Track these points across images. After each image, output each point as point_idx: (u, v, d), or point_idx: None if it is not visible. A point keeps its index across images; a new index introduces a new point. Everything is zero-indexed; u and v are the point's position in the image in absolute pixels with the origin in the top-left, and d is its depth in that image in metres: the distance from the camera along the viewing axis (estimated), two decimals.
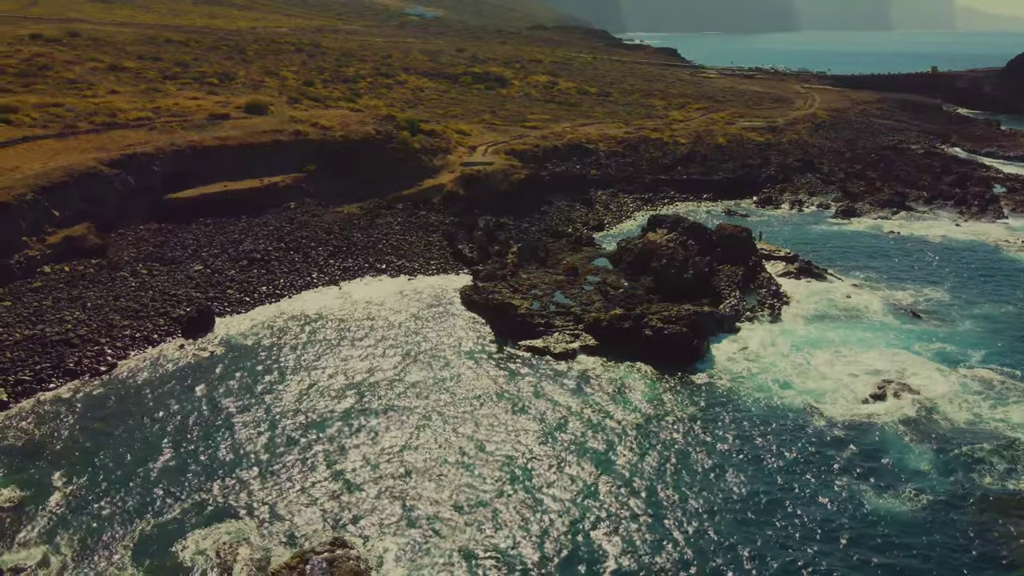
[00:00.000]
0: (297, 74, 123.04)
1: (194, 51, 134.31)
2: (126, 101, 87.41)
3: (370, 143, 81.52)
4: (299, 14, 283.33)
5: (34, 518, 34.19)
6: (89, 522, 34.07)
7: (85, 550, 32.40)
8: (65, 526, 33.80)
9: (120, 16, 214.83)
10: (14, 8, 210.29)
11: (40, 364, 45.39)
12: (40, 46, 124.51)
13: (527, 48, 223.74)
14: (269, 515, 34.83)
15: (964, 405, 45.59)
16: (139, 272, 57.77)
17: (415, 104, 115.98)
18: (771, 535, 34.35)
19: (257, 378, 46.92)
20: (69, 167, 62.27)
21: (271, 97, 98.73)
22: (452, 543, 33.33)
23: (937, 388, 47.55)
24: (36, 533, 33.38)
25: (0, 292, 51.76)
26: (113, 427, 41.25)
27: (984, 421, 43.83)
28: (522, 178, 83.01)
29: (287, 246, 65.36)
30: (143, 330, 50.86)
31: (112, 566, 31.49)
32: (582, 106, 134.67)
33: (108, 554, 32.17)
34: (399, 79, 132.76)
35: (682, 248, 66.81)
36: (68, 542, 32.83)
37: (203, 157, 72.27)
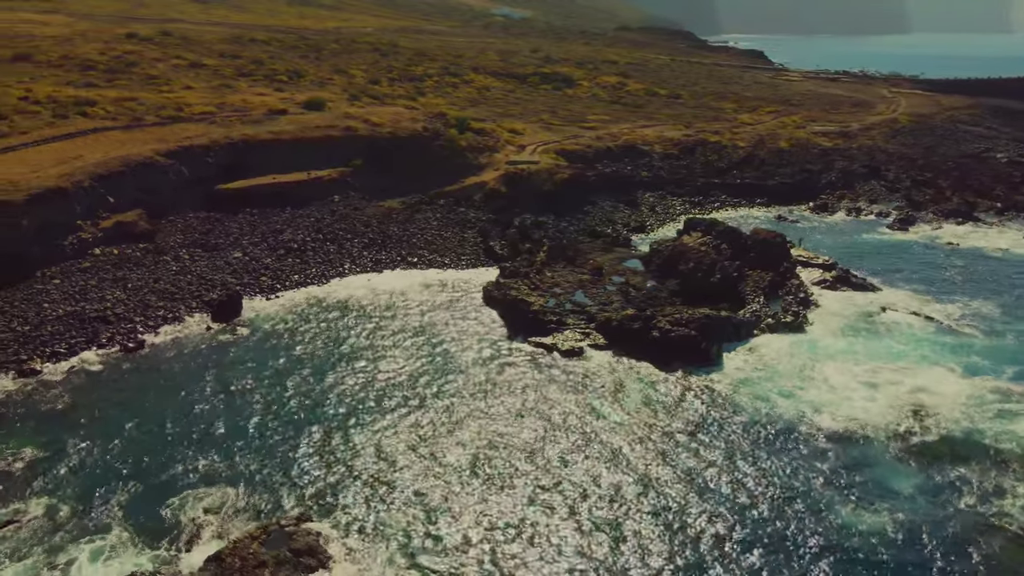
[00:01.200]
0: (366, 72, 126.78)
1: (274, 50, 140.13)
2: (196, 96, 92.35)
3: (417, 140, 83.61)
4: (387, 15, 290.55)
5: (45, 474, 37.16)
6: (93, 480, 36.80)
7: (84, 504, 35.08)
8: (71, 483, 36.62)
9: (216, 16, 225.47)
10: (123, 9, 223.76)
11: (76, 338, 48.98)
12: (133, 44, 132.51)
13: (606, 49, 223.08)
14: (254, 488, 36.80)
15: (974, 422, 43.77)
16: (181, 257, 61.30)
17: (477, 103, 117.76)
18: (726, 544, 34.09)
19: (272, 360, 49.26)
20: (127, 157, 66.55)
21: (333, 94, 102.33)
22: (415, 529, 34.46)
23: (952, 404, 45.78)
24: (45, 487, 36.28)
25: (52, 271, 55.91)
26: (131, 398, 44.23)
27: (989, 438, 42.01)
28: (565, 178, 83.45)
29: (324, 237, 67.96)
30: (175, 311, 54.08)
31: (104, 519, 34.00)
32: (648, 108, 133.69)
33: (103, 509, 34.72)
34: (466, 78, 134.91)
35: (714, 252, 66.09)
36: (70, 496, 35.58)
37: (256, 150, 75.81)
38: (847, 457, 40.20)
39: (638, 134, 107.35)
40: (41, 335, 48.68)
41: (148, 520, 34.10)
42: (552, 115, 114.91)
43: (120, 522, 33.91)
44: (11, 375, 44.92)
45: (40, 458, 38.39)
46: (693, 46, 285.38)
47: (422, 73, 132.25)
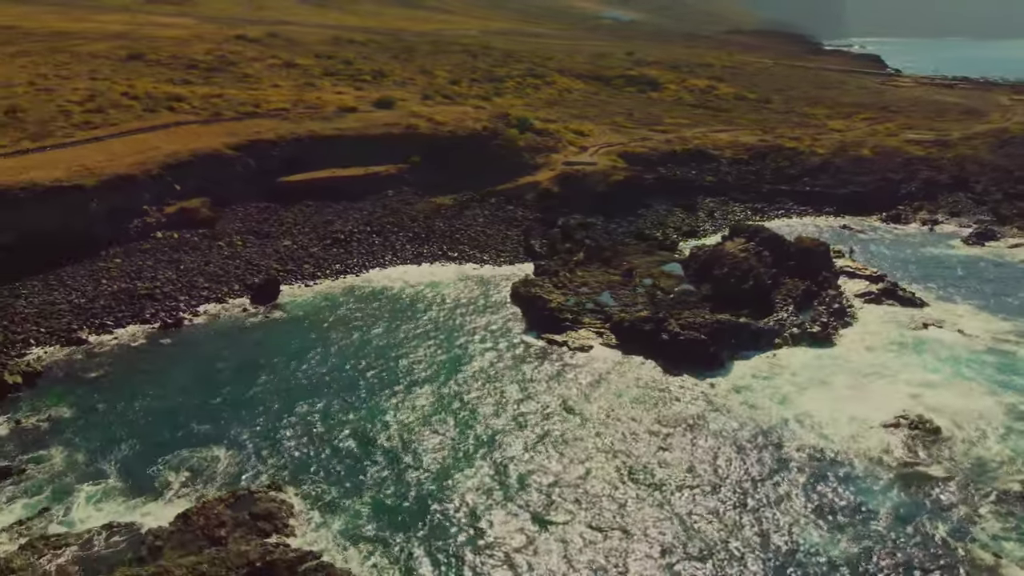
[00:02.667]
0: (450, 73, 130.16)
1: (367, 51, 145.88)
2: (278, 94, 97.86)
3: (475, 139, 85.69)
4: (493, 17, 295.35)
5: (70, 429, 41.28)
6: (106, 437, 40.63)
7: (93, 457, 38.89)
8: (88, 438, 40.53)
9: (328, 19, 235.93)
10: (242, 12, 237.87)
11: (123, 313, 53.61)
12: (239, 45, 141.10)
13: (707, 52, 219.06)
14: (242, 456, 39.64)
15: (987, 448, 41.63)
16: (234, 243, 65.62)
17: (554, 104, 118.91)
18: (666, 551, 34.16)
19: (297, 342, 52.30)
20: (197, 149, 71.75)
21: (408, 94, 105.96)
22: (376, 504, 36.30)
23: (970, 427, 43.63)
24: (67, 440, 40.32)
25: (117, 251, 61.22)
26: (159, 368, 48.18)
27: (994, 465, 39.89)
28: (620, 180, 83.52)
29: (372, 229, 71.00)
30: (218, 293, 58.15)
31: (106, 471, 37.65)
32: (733, 112, 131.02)
33: (107, 463, 38.43)
34: (548, 79, 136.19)
35: (755, 259, 64.87)
36: (84, 449, 39.46)
37: (319, 145, 79.87)
38: (822, 473, 39.21)
39: (711, 138, 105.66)
40: (94, 308, 53.56)
41: (141, 476, 37.45)
42: (627, 117, 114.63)
43: (117, 475, 37.41)
44: (60, 343, 49.63)
45: (69, 416, 42.58)
46: (804, 50, 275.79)
47: (505, 74, 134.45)
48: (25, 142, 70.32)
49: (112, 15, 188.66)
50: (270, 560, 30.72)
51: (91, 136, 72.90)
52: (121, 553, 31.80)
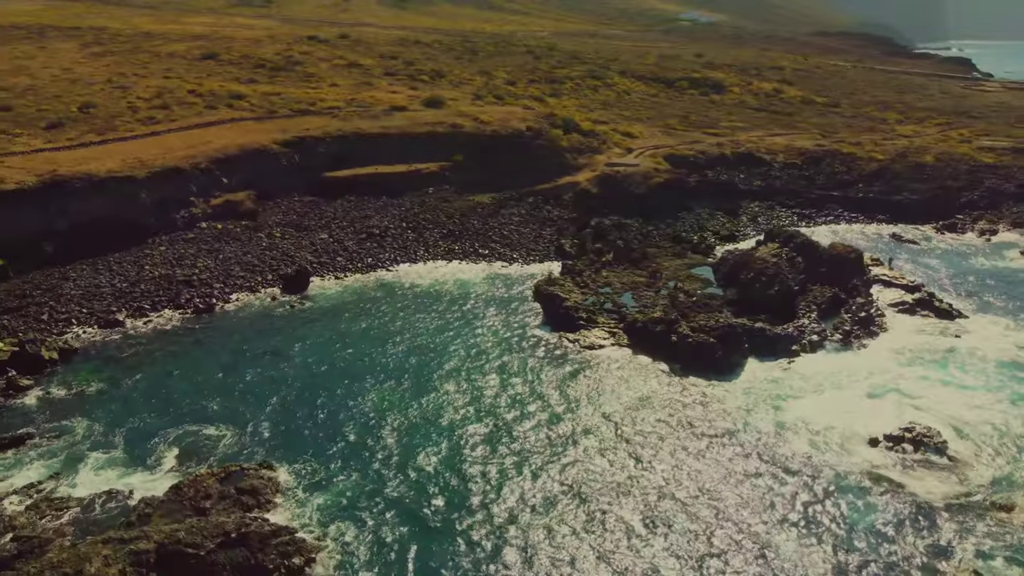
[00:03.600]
0: (509, 74, 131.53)
1: (432, 51, 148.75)
2: (334, 93, 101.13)
3: (518, 139, 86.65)
4: (567, 18, 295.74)
5: (93, 402, 44.21)
6: (125, 411, 43.42)
7: (108, 428, 41.63)
8: (108, 411, 43.35)
9: (406, 21, 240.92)
10: (326, 14, 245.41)
11: (160, 297, 56.80)
12: (310, 46, 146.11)
13: (782, 55, 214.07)
14: (244, 435, 41.71)
15: (989, 462, 40.21)
16: (274, 235, 68.46)
17: (609, 106, 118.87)
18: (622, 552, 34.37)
19: (320, 331, 54.38)
20: (246, 144, 75.09)
21: (461, 94, 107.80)
22: (361, 483, 37.73)
23: (978, 442, 42.19)
24: (89, 412, 43.21)
25: (163, 239, 64.79)
26: (184, 350, 50.95)
27: (991, 483, 38.50)
28: (661, 182, 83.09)
29: (407, 225, 72.84)
30: (252, 281, 60.88)
31: (116, 442, 40.31)
32: (796, 116, 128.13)
33: (119, 434, 41.11)
34: (609, 81, 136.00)
35: (787, 264, 63.94)
36: (102, 421, 42.28)
37: (364, 142, 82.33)
38: (800, 482, 38.62)
39: (765, 142, 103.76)
40: (134, 292, 56.94)
41: (147, 449, 39.92)
42: (682, 120, 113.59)
43: (126, 447, 40.01)
44: (99, 325, 53.01)
45: (94, 391, 45.59)
46: (888, 52, 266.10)
47: (564, 75, 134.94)
48: (90, 135, 75.03)
49: (199, 17, 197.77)
50: (244, 532, 32.45)
51: (151, 131, 77.20)
52: (114, 518, 34.14)
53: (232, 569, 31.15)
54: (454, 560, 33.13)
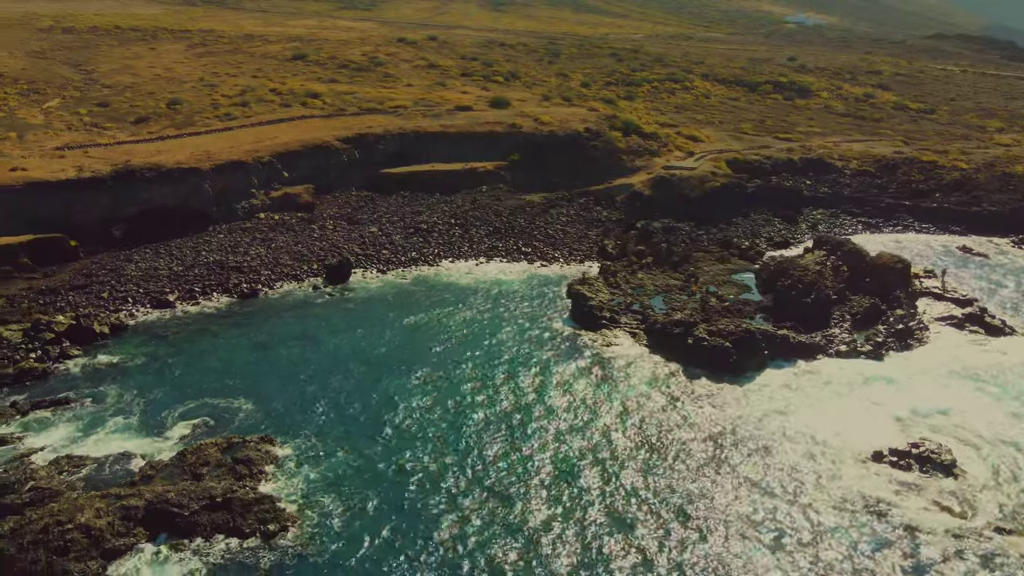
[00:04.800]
0: (586, 76, 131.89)
1: (514, 53, 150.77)
2: (407, 92, 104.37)
3: (574, 140, 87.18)
4: (666, 21, 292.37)
5: (129, 372, 47.89)
6: (154, 382, 46.91)
7: (134, 397, 45.14)
8: (140, 383, 46.85)
9: (500, 24, 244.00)
10: (424, 16, 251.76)
11: (210, 281, 60.63)
12: (396, 47, 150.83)
13: (883, 59, 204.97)
14: (256, 411, 44.37)
15: (995, 484, 38.39)
16: (326, 227, 71.70)
17: (683, 109, 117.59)
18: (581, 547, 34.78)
19: (353, 319, 56.77)
20: (308, 140, 78.86)
21: (530, 94, 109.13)
22: (351, 461, 39.65)
23: (990, 462, 40.33)
24: (121, 383, 46.85)
25: (222, 228, 69.00)
26: (222, 331, 54.35)
27: (992, 505, 36.74)
28: (717, 186, 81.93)
29: (455, 222, 74.71)
30: (297, 270, 64.07)
31: (136, 409, 43.76)
32: (882, 122, 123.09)
33: (141, 402, 44.71)
34: (687, 84, 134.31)
35: (831, 272, 62.34)
36: (132, 390, 45.93)
37: (423, 140, 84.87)
38: (783, 495, 37.96)
39: (840, 148, 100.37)
40: (188, 276, 61.03)
41: (167, 417, 43.18)
42: (757, 125, 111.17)
43: (148, 414, 43.38)
44: (152, 304, 57.12)
45: (134, 364, 49.34)
46: (1009, 57, 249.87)
47: (642, 78, 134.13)
48: (169, 130, 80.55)
49: (303, 20, 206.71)
50: (229, 498, 34.87)
51: (225, 126, 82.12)
52: (121, 477, 37.25)
53: (212, 529, 33.58)
54: (422, 539, 34.49)
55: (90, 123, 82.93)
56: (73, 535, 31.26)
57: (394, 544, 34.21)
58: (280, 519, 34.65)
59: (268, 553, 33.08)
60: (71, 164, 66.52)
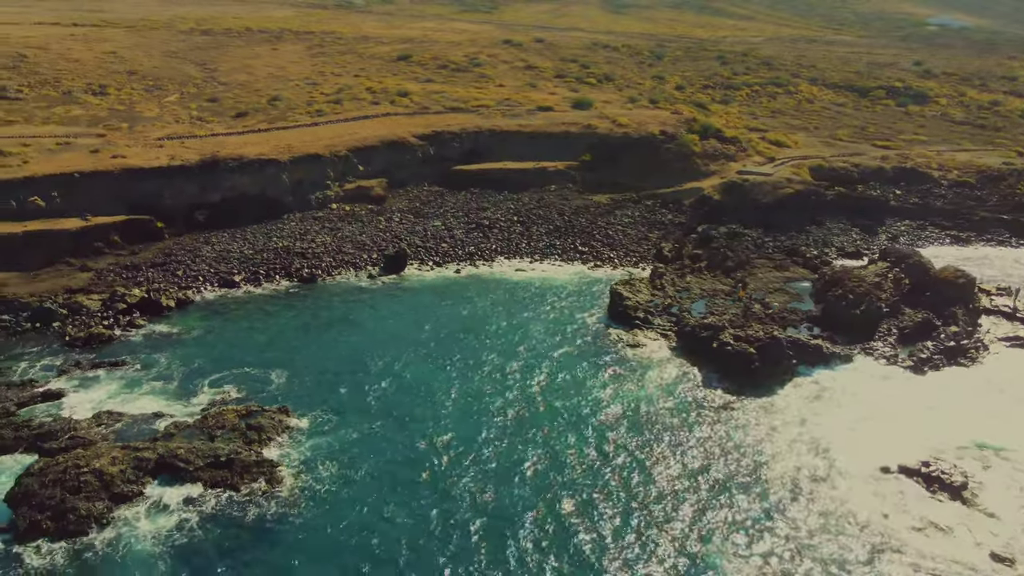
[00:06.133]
0: (684, 79, 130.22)
1: (615, 56, 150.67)
2: (494, 93, 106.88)
3: (647, 142, 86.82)
4: (793, 23, 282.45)
5: (180, 345, 52.26)
6: (202, 352, 51.11)
7: (181, 365, 49.30)
8: (188, 353, 51.09)
9: (617, 26, 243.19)
10: (542, 19, 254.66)
11: (275, 265, 64.95)
12: (499, 48, 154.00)
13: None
14: (282, 385, 47.59)
15: (1001, 512, 36.29)
16: (392, 219, 75.02)
17: (779, 114, 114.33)
18: None
19: (399, 307, 59.47)
20: (385, 136, 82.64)
21: (618, 96, 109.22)
22: (364, 440, 42.11)
23: (1005, 487, 38.07)
24: (172, 351, 51.19)
25: (295, 216, 73.48)
26: (278, 312, 58.26)
27: (975, 534, 34.80)
28: (791, 193, 79.61)
29: (518, 219, 76.32)
30: (357, 259, 67.54)
31: (175, 375, 47.84)
32: (1003, 131, 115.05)
33: (182, 369, 48.61)
34: (791, 88, 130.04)
35: (892, 284, 59.89)
36: (179, 358, 50.09)
37: (497, 139, 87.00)
38: (763, 497, 37.28)
39: (944, 158, 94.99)
40: (256, 259, 65.64)
41: (202, 383, 47.17)
42: (855, 131, 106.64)
43: (187, 379, 47.50)
44: (219, 284, 61.88)
45: (190, 336, 53.87)
46: None
47: (743, 82, 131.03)
48: (262, 124, 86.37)
49: (422, 23, 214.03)
50: (232, 458, 37.98)
51: (312, 122, 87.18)
52: (147, 433, 41.16)
53: (211, 485, 36.73)
54: (404, 514, 36.34)
55: (196, 117, 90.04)
56: (87, 478, 35.10)
57: (375, 515, 36.24)
58: (273, 481, 37.41)
59: (254, 509, 35.90)
60: (166, 153, 72.79)
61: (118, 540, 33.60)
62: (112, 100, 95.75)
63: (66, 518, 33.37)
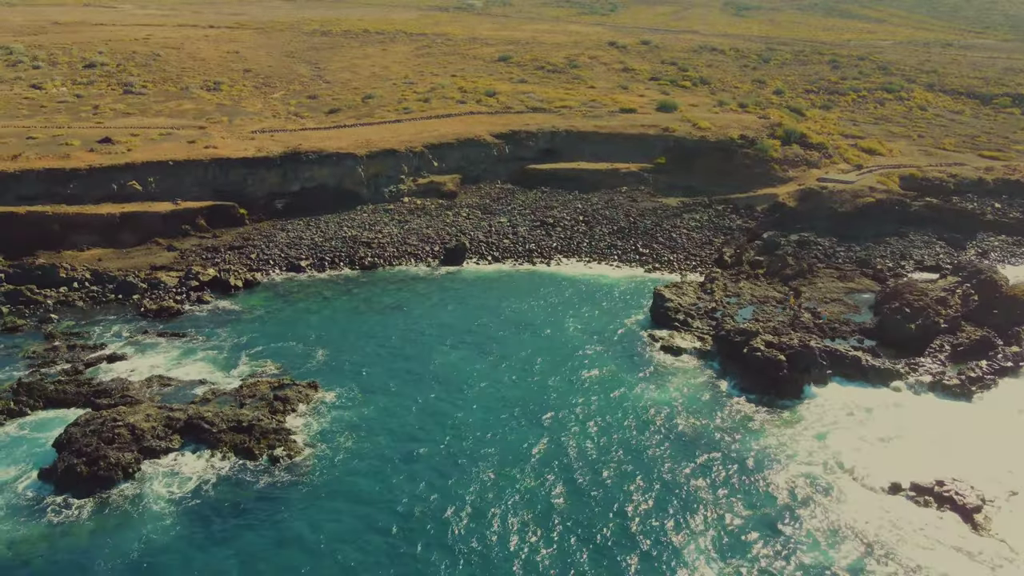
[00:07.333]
0: (786, 84, 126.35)
1: (720, 59, 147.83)
2: (582, 94, 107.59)
3: (724, 146, 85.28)
4: (929, 26, 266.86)
5: (239, 320, 56.31)
6: (258, 329, 54.86)
7: (233, 339, 53.21)
8: (244, 328, 55.06)
9: (734, 28, 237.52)
10: (660, 21, 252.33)
11: (340, 253, 68.58)
12: (601, 51, 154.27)
13: None
14: (328, 362, 50.55)
15: (1010, 548, 34.36)
16: (460, 214, 77.36)
17: (884, 121, 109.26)
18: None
19: (447, 297, 61.74)
20: (462, 134, 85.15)
21: (709, 100, 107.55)
22: (384, 421, 44.42)
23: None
24: (231, 326, 55.24)
25: (368, 208, 77.04)
26: (334, 296, 61.69)
27: (977, 559, 33.06)
28: (871, 202, 76.35)
29: (582, 219, 77.01)
30: (421, 250, 70.23)
31: (228, 347, 51.71)
32: None
33: (235, 342, 52.48)
34: (903, 95, 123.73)
35: (960, 300, 57.01)
36: (234, 333, 54.02)
37: (573, 139, 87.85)
38: (764, 508, 36.58)
39: None
40: (324, 247, 69.49)
41: (247, 356, 50.82)
42: (964, 140, 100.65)
43: (235, 352, 51.28)
44: (286, 268, 65.98)
45: (247, 313, 57.93)
46: None
47: (850, 87, 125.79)
48: (350, 120, 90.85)
49: (536, 24, 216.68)
50: (252, 424, 41.03)
51: (396, 119, 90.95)
52: (188, 397, 44.97)
53: (229, 446, 39.89)
54: (407, 493, 38.20)
55: (292, 112, 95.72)
56: (121, 431, 38.93)
57: (382, 488, 38.28)
58: (288, 448, 40.19)
59: (266, 475, 38.71)
60: (255, 145, 78.06)
61: (139, 490, 37.14)
62: (223, 96, 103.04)
63: (98, 464, 37.18)
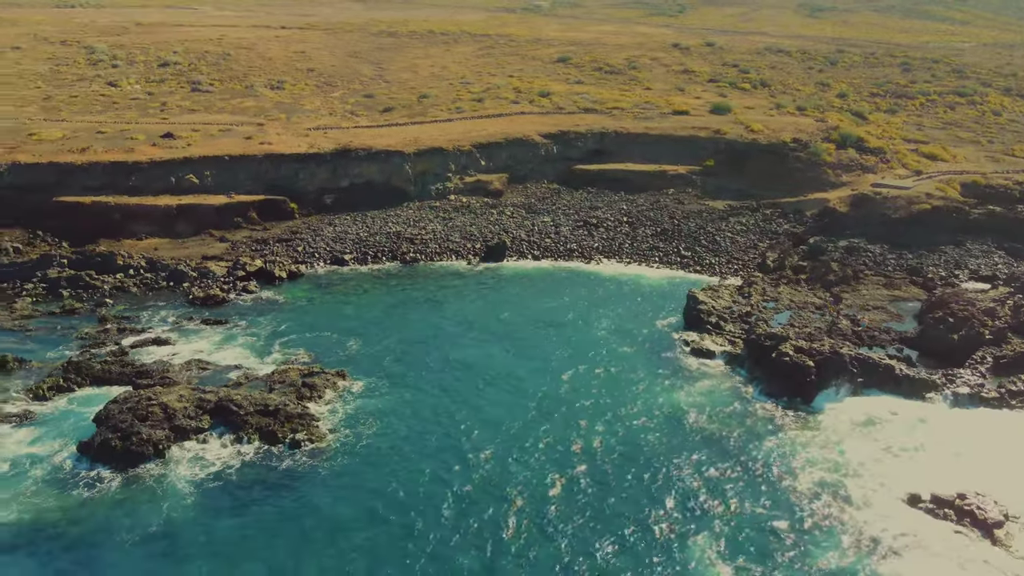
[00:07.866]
0: (851, 87, 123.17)
1: (786, 60, 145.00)
2: (636, 96, 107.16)
3: (775, 149, 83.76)
4: (1018, 28, 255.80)
5: (280, 310, 58.25)
6: (295, 319, 56.67)
7: (273, 327, 55.10)
8: (284, 316, 56.95)
9: (807, 30, 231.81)
10: (728, 23, 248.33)
11: (383, 248, 70.19)
12: (663, 52, 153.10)
13: None
14: (360, 351, 51.98)
15: None
16: (504, 213, 78.12)
17: (952, 126, 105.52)
18: None
19: (482, 292, 62.67)
20: (511, 133, 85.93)
21: (768, 102, 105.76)
22: (409, 413, 45.54)
23: None
24: (272, 315, 57.15)
25: (415, 204, 78.48)
26: (373, 289, 63.28)
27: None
28: (926, 209, 73.94)
29: (626, 220, 76.87)
30: (462, 248, 71.28)
31: (264, 335, 53.57)
32: None
33: (272, 331, 54.31)
34: (975, 99, 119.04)
35: (1011, 312, 55.09)
36: (274, 321, 55.88)
37: (622, 140, 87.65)
38: (773, 517, 36.10)
39: None
40: (368, 241, 71.21)
41: (282, 343, 52.61)
42: None
43: (268, 338, 53.24)
44: (330, 262, 67.86)
45: (288, 303, 59.87)
46: None
47: (920, 91, 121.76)
48: (403, 119, 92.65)
49: (602, 26, 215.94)
50: (278, 408, 42.59)
51: (447, 118, 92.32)
52: (222, 381, 46.89)
53: (255, 429, 41.50)
54: (425, 482, 39.10)
55: (349, 111, 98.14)
56: (154, 409, 40.93)
57: (400, 475, 39.21)
58: (311, 433, 41.56)
59: (288, 458, 40.12)
60: (308, 142, 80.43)
61: (166, 466, 39.03)
62: (284, 94, 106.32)
63: (131, 440, 39.21)
